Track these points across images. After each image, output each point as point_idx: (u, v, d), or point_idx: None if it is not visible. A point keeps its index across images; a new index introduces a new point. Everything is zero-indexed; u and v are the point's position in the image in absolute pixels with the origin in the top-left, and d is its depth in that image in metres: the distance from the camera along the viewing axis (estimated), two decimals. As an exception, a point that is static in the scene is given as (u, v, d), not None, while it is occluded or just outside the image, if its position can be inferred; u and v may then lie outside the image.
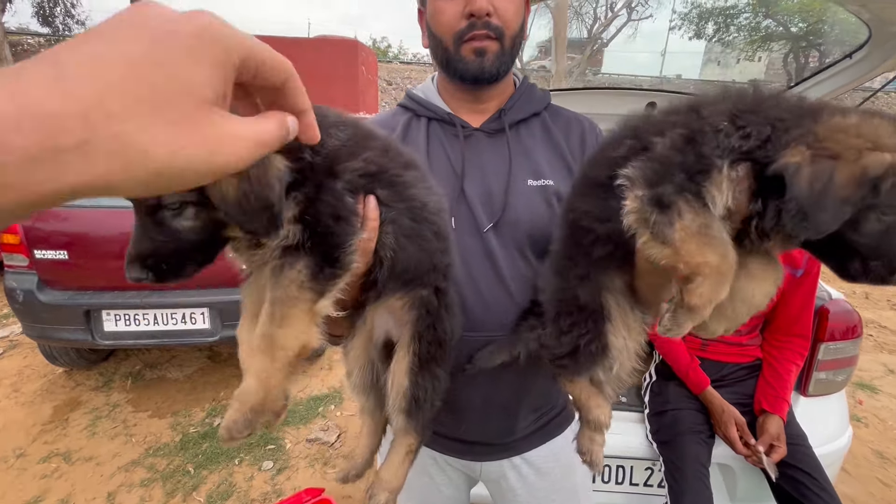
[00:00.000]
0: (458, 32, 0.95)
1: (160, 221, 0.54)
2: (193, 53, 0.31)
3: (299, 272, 0.60)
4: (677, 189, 0.60)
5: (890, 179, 0.52)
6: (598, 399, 0.96)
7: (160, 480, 2.65)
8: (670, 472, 1.72)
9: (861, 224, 0.55)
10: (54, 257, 2.97)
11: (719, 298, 0.62)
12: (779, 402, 1.77)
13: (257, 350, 0.60)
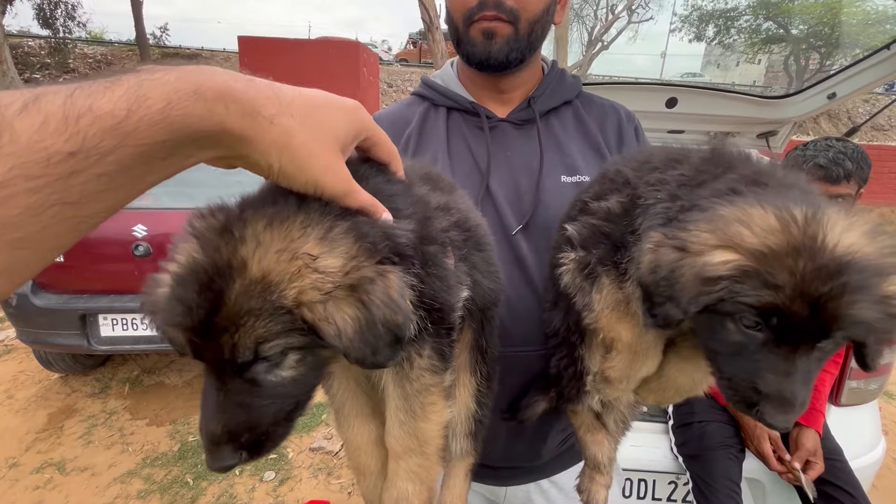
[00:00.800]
0: (468, 11, 0.87)
1: (253, 380, 0.42)
2: (345, 116, 0.49)
3: (429, 358, 0.55)
4: (602, 260, 0.60)
5: (745, 284, 0.45)
6: (598, 435, 0.90)
7: (158, 492, 2.54)
8: (699, 488, 1.62)
9: (718, 332, 0.49)
10: (49, 260, 2.88)
11: (636, 374, 0.64)
12: (814, 415, 1.66)
13: (405, 452, 0.57)
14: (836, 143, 1.59)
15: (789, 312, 0.44)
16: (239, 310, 0.38)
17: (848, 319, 0.43)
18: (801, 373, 0.45)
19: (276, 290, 0.39)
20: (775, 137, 2.19)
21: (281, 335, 0.40)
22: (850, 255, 0.43)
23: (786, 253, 0.44)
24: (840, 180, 1.54)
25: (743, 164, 0.57)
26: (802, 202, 0.46)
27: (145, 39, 14.28)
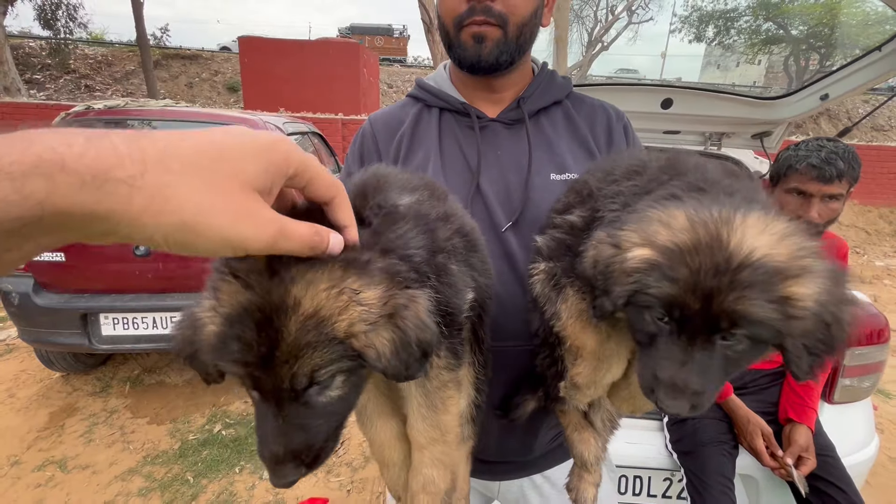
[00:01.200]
0: (458, 17, 0.89)
1: (307, 403, 0.46)
2: (256, 155, 0.38)
3: (445, 358, 0.61)
4: (566, 272, 0.63)
5: (651, 276, 0.48)
6: (585, 434, 0.91)
7: (158, 490, 2.56)
8: (693, 484, 1.64)
9: (638, 324, 0.53)
10: (51, 259, 2.90)
11: (601, 380, 0.68)
12: (806, 411, 1.69)
13: (428, 442, 0.63)
14: (828, 143, 1.61)
15: (685, 305, 0.46)
16: (297, 343, 0.43)
17: (738, 315, 0.45)
18: (698, 364, 0.47)
19: (329, 324, 0.44)
20: (770, 138, 2.21)
21: (333, 362, 0.44)
22: (751, 255, 0.45)
23: (688, 250, 0.47)
24: (833, 180, 1.56)
25: (692, 173, 0.59)
26: (729, 206, 0.48)
27: (146, 40, 14.32)
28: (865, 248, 9.15)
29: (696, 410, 0.48)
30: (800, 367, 0.47)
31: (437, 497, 0.65)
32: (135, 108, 3.42)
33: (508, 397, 0.97)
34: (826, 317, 0.46)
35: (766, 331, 0.46)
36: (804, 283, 0.45)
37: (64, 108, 9.89)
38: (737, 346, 0.48)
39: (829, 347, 0.48)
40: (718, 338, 0.48)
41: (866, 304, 1.90)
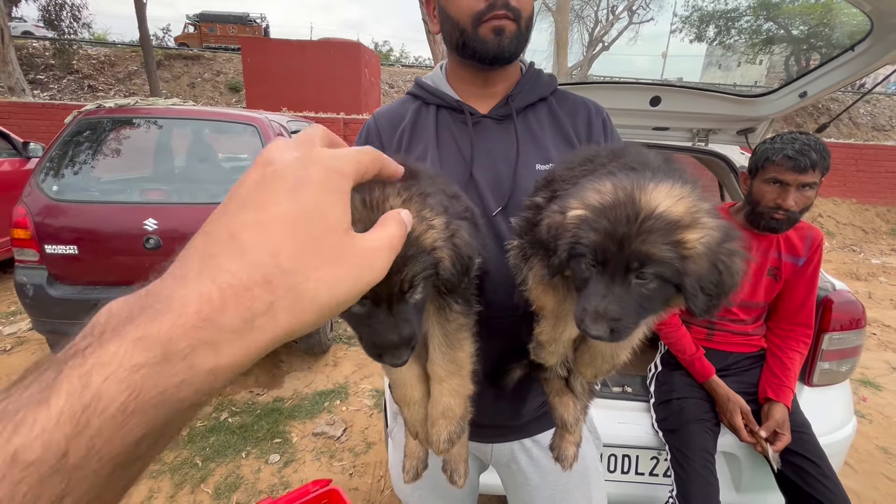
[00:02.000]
0: (478, 13, 0.96)
1: (407, 302, 0.59)
2: (327, 192, 0.36)
3: (460, 305, 0.73)
4: (532, 245, 0.74)
5: (582, 229, 0.60)
6: (565, 398, 1.00)
7: (168, 472, 2.67)
8: (677, 460, 1.74)
9: (574, 269, 0.65)
10: (64, 252, 3.00)
11: (561, 337, 0.78)
12: (783, 391, 1.78)
13: (447, 374, 0.75)
14: (801, 136, 1.71)
15: (605, 249, 0.59)
16: (405, 256, 0.54)
17: (643, 255, 0.57)
18: (616, 296, 0.59)
19: (421, 240, 0.56)
20: (754, 134, 2.31)
21: (423, 270, 0.57)
22: (655, 210, 0.57)
23: (609, 206, 0.59)
24: (807, 169, 1.66)
25: (629, 157, 0.71)
26: (647, 178, 0.60)
27: (149, 41, 14.44)
28: (862, 246, 9.22)
29: (615, 336, 0.59)
30: (696, 304, 0.58)
31: (454, 421, 0.77)
32: (144, 107, 3.53)
33: (498, 366, 1.07)
34: (717, 263, 0.57)
35: (667, 269, 0.57)
36: (694, 231, 0.57)
37: (69, 107, 9.96)
38: (648, 285, 0.59)
39: (721, 291, 0.59)
40: (633, 276, 0.59)
41: (844, 292, 2.00)
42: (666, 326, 1.97)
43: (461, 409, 0.78)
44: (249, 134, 3.45)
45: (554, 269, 0.66)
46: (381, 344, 0.58)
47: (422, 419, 0.81)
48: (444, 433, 0.77)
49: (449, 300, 0.72)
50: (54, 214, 3.04)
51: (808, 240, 1.86)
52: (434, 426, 0.78)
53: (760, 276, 1.89)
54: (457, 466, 1.02)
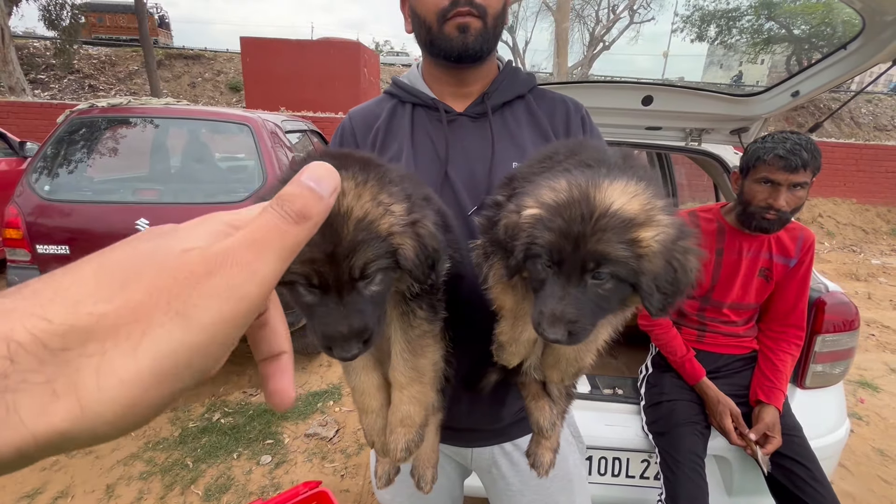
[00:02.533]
0: (442, 10, 0.96)
1: (359, 292, 0.56)
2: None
3: (425, 311, 0.72)
4: (493, 244, 0.72)
5: (537, 229, 0.59)
6: (541, 402, 0.99)
7: (159, 474, 2.66)
8: (666, 463, 1.72)
9: (530, 269, 0.63)
10: (56, 252, 3.00)
11: (520, 337, 0.77)
12: (775, 393, 1.76)
13: (408, 381, 0.74)
14: (792, 135, 1.69)
15: (561, 249, 0.57)
16: (354, 240, 0.53)
17: (599, 254, 0.56)
18: (573, 298, 0.57)
19: (375, 226, 0.54)
20: (747, 133, 2.29)
21: (378, 258, 0.55)
22: (609, 208, 0.56)
23: (564, 205, 0.58)
24: (798, 169, 1.64)
25: (588, 153, 0.70)
26: (602, 175, 0.59)
27: (149, 41, 14.44)
28: (862, 246, 9.18)
29: (573, 338, 0.57)
30: (652, 303, 0.57)
31: (413, 429, 0.76)
32: (137, 106, 3.52)
33: (474, 370, 1.05)
34: (672, 261, 0.56)
35: (623, 269, 0.56)
36: (648, 229, 0.55)
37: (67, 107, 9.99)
38: (605, 285, 0.58)
39: (676, 289, 0.57)
40: (589, 277, 0.58)
41: (837, 294, 1.98)
42: (657, 328, 1.95)
43: (420, 417, 0.77)
44: (243, 133, 3.44)
45: (511, 269, 0.65)
46: (329, 335, 0.55)
47: (379, 429, 0.80)
48: (401, 441, 0.76)
49: (413, 305, 0.70)
50: (46, 214, 3.03)
51: (799, 241, 1.84)
52: (392, 434, 0.76)
53: (751, 278, 1.87)
54: (424, 472, 1.01)
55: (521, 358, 0.83)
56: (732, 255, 1.87)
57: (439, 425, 1.02)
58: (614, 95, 2.22)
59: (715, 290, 1.91)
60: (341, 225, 0.53)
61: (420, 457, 1.01)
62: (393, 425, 0.76)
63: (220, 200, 3.21)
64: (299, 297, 0.56)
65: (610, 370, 2.74)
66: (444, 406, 0.99)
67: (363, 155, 0.66)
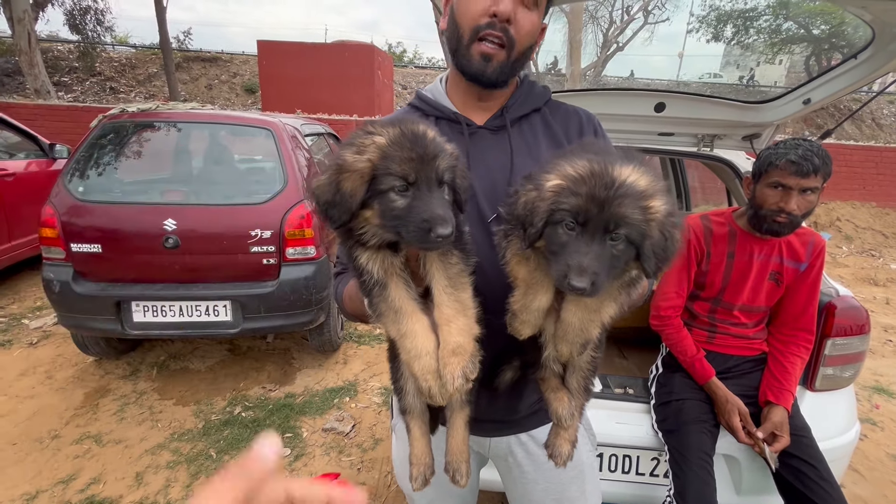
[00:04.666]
0: (477, 27, 1.00)
1: (444, 189, 0.78)
2: None
3: (457, 254, 0.83)
4: (513, 222, 0.82)
5: (562, 196, 0.70)
6: (560, 393, 1.04)
7: (185, 463, 2.78)
8: (675, 460, 1.77)
9: (549, 236, 0.74)
10: (89, 250, 3.14)
11: (531, 305, 0.85)
12: (783, 394, 1.80)
13: (454, 314, 0.80)
14: (804, 142, 1.73)
15: (587, 211, 0.68)
16: (435, 153, 0.76)
17: (619, 216, 0.67)
18: (595, 253, 0.68)
19: (443, 145, 0.80)
20: (759, 139, 2.32)
21: (448, 168, 0.78)
22: (626, 180, 0.67)
23: (587, 176, 0.69)
24: (809, 174, 1.68)
25: (594, 147, 0.82)
26: (615, 160, 0.71)
27: (168, 44, 14.78)
28: (882, 250, 9.02)
29: (594, 289, 0.67)
30: (649, 265, 0.69)
31: (466, 356, 0.78)
32: (164, 111, 3.66)
33: (492, 370, 1.11)
34: (664, 232, 0.68)
35: (635, 231, 0.67)
36: (656, 200, 0.67)
37: (92, 109, 10.24)
38: (618, 245, 0.69)
39: (666, 255, 0.69)
40: (608, 237, 0.69)
41: (848, 298, 2.01)
42: (668, 328, 2.00)
43: (471, 346, 0.80)
44: (264, 137, 3.56)
45: (531, 237, 0.74)
46: (433, 218, 0.69)
47: (434, 370, 0.80)
48: (457, 369, 0.77)
49: (449, 248, 0.81)
50: (80, 214, 3.18)
51: (810, 245, 1.88)
52: (446, 366, 0.77)
53: (762, 281, 1.91)
54: (458, 466, 1.05)
55: (533, 329, 0.89)
56: (743, 259, 1.92)
57: (468, 420, 1.06)
58: (627, 102, 2.28)
59: (726, 292, 1.95)
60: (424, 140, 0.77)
61: (453, 451, 1.05)
62: (445, 358, 0.78)
63: (243, 201, 3.33)
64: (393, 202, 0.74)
65: (621, 370, 2.78)
66: (472, 400, 1.05)
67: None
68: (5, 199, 4.89)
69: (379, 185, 0.72)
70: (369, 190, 0.73)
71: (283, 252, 3.30)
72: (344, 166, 0.74)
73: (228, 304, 3.29)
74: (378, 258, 0.81)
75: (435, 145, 0.74)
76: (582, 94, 2.40)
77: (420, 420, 1.06)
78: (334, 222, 0.76)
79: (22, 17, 11.88)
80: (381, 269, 0.82)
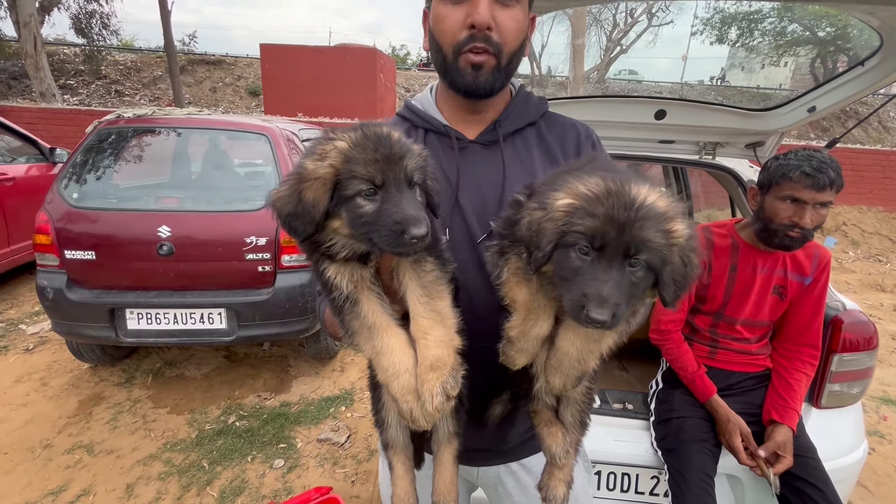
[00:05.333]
0: (458, 44, 0.95)
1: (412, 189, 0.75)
2: None
3: (433, 261, 0.79)
4: (511, 242, 0.77)
5: (575, 217, 0.64)
6: (553, 428, 0.97)
7: (176, 474, 2.74)
8: (674, 480, 1.71)
9: (558, 261, 0.67)
10: (83, 257, 3.11)
11: (530, 332, 0.78)
12: (788, 413, 1.74)
13: (431, 324, 0.75)
14: (816, 153, 1.66)
15: (604, 234, 0.61)
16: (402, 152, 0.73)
17: (640, 240, 0.60)
18: (615, 281, 0.61)
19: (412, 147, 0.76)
20: (763, 148, 2.26)
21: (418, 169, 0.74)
22: (646, 201, 0.61)
23: (603, 195, 0.63)
24: (825, 188, 1.61)
25: (601, 164, 0.77)
26: (629, 178, 0.65)
27: (173, 47, 14.84)
28: (889, 256, 8.90)
29: (615, 321, 0.60)
30: (668, 294, 0.63)
31: (446, 370, 0.71)
32: (161, 117, 3.64)
33: (481, 401, 1.05)
34: (684, 257, 0.62)
35: (656, 256, 0.61)
36: (678, 223, 0.62)
37: (95, 113, 10.31)
38: (637, 272, 0.63)
39: (685, 282, 0.64)
40: (627, 263, 0.62)
41: (855, 312, 1.94)
42: (668, 342, 1.94)
43: (451, 359, 0.73)
44: (260, 142, 3.53)
45: (537, 261, 0.67)
46: (406, 219, 0.65)
47: (414, 389, 0.74)
48: (436, 386, 0.70)
49: (423, 254, 0.76)
50: (74, 221, 3.15)
51: (815, 259, 1.81)
52: (424, 383, 0.71)
53: (765, 295, 1.85)
54: None
55: (529, 358, 0.82)
56: (746, 272, 1.85)
57: (456, 455, 1.00)
58: (628, 109, 2.22)
59: (728, 306, 1.89)
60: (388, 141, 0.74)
61: (440, 490, 0.98)
62: (423, 375, 0.71)
63: (238, 208, 3.29)
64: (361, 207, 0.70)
65: (621, 384, 2.72)
66: (460, 432, 0.98)
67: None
68: (5, 204, 4.89)
69: (344, 190, 0.68)
70: (334, 197, 0.69)
71: (279, 259, 3.26)
72: (304, 175, 0.70)
73: (223, 311, 3.26)
74: (346, 271, 0.76)
75: (401, 145, 0.71)
76: (583, 102, 2.35)
77: (403, 455, 0.99)
78: (299, 235, 0.72)
79: (28, 20, 11.97)
80: (350, 283, 0.76)
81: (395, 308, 0.81)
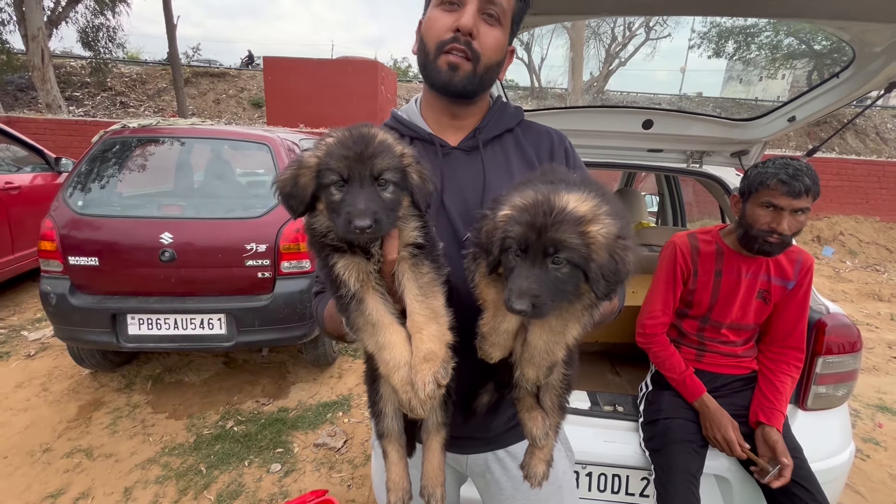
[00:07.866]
0: (441, 42, 1.04)
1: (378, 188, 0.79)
2: None
3: (429, 264, 0.86)
4: (479, 248, 0.85)
5: (509, 225, 0.74)
6: (534, 413, 1.04)
7: (174, 478, 2.76)
8: (660, 480, 1.74)
9: (503, 263, 0.77)
10: (86, 263, 3.18)
11: (499, 327, 0.87)
12: (775, 414, 1.77)
13: (426, 321, 0.82)
14: (793, 161, 1.73)
15: (527, 238, 0.71)
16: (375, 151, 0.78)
17: (555, 241, 0.70)
18: (536, 276, 0.71)
19: (389, 146, 0.80)
20: (747, 156, 2.33)
21: (391, 169, 0.78)
22: (565, 208, 0.71)
23: (530, 205, 0.72)
24: (801, 194, 1.67)
25: (553, 175, 0.87)
26: (561, 188, 0.74)
27: (178, 59, 15.11)
28: (886, 265, 8.93)
29: (536, 311, 0.69)
30: (598, 288, 0.71)
31: (437, 362, 0.79)
32: (165, 127, 3.73)
33: (469, 393, 1.12)
34: (614, 254, 0.70)
35: (575, 254, 0.70)
36: (595, 224, 0.70)
37: (100, 124, 10.47)
38: (562, 269, 0.71)
39: (617, 278, 0.71)
40: (549, 261, 0.71)
41: (838, 315, 1.98)
42: (655, 346, 1.98)
43: (443, 353, 0.80)
44: (263, 152, 3.61)
45: (490, 265, 0.78)
46: (352, 210, 0.73)
47: (411, 380, 0.80)
48: (428, 375, 0.77)
49: (420, 257, 0.85)
50: (78, 228, 3.22)
51: (797, 263, 1.87)
52: (418, 373, 0.78)
53: (750, 299, 1.90)
54: (433, 491, 1.04)
55: (503, 352, 0.90)
56: (731, 277, 1.91)
57: (444, 443, 1.06)
58: (615, 119, 2.30)
59: (714, 310, 1.94)
60: (366, 143, 0.78)
61: (428, 475, 1.04)
62: (417, 365, 0.79)
63: (240, 216, 3.36)
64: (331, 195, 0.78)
65: (613, 387, 2.75)
66: (448, 422, 1.05)
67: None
68: (10, 212, 4.97)
69: (322, 179, 0.79)
70: (318, 184, 0.80)
71: (278, 266, 3.32)
72: (301, 162, 0.81)
73: (223, 317, 3.31)
74: (353, 266, 0.83)
75: (378, 145, 0.78)
76: (570, 112, 2.43)
77: (397, 444, 1.05)
78: (294, 212, 0.83)
79: (36, 34, 12.23)
80: (357, 280, 0.83)
81: (395, 307, 0.88)
